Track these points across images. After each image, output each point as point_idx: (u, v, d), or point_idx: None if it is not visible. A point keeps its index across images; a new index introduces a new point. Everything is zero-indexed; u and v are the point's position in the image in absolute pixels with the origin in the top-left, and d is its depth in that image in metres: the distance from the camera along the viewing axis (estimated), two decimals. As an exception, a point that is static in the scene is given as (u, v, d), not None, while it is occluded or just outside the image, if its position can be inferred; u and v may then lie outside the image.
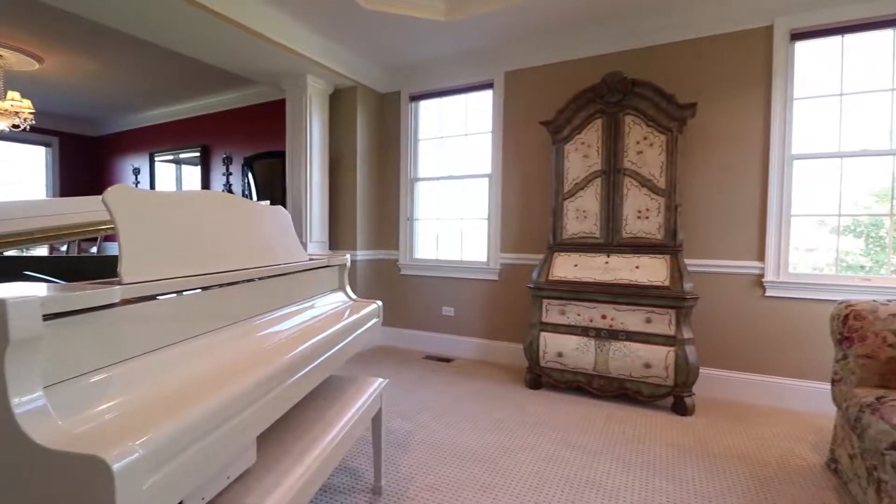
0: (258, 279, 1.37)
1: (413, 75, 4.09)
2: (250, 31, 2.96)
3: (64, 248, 3.67)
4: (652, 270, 2.84)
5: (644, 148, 2.95)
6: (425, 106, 4.20)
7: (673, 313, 2.71)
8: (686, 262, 3.03)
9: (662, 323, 2.74)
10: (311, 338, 1.39)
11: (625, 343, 2.83)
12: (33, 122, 4.47)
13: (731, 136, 3.03)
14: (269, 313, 1.43)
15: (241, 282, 1.28)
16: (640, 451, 2.25)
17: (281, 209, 1.78)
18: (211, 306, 1.14)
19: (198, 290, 1.11)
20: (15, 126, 4.46)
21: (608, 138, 3.04)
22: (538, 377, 3.15)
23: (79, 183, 6.40)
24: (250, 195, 4.70)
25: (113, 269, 1.56)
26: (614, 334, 2.86)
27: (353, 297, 2.01)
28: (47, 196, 6.15)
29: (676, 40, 3.15)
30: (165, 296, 0.99)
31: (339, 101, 4.08)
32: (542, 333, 3.08)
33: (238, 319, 1.25)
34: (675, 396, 2.74)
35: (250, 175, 4.69)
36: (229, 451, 0.91)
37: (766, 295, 2.93)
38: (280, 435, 1.35)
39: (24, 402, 0.66)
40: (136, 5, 2.66)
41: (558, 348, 3.02)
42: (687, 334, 2.70)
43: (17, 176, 6.01)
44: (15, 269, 1.90)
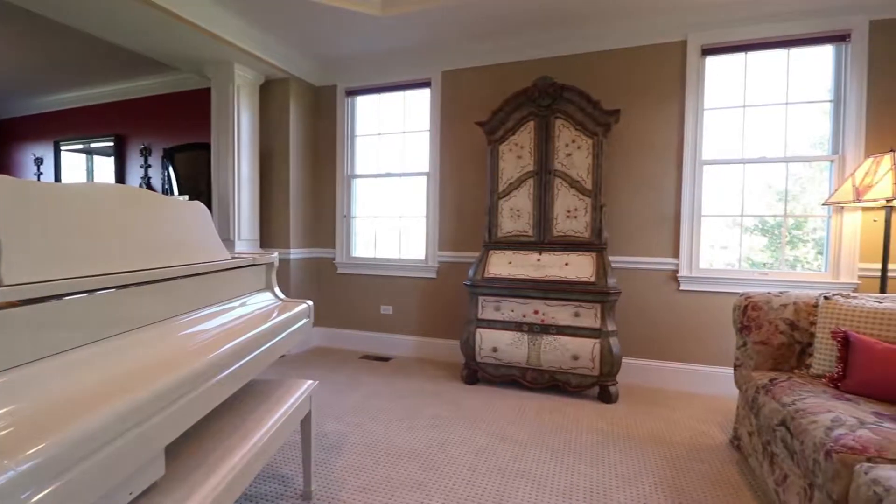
0: (170, 280, 1.28)
1: (350, 69, 4.01)
2: (166, 11, 2.74)
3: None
4: (580, 267, 2.98)
5: (573, 150, 3.08)
6: (362, 101, 4.13)
7: (598, 307, 2.87)
8: (610, 258, 3.21)
9: (589, 317, 2.89)
10: (230, 340, 1.32)
11: (555, 337, 2.95)
12: None
13: (650, 142, 3.24)
14: (185, 315, 1.34)
15: (149, 282, 1.18)
16: (567, 439, 2.36)
17: (199, 205, 1.67)
18: (111, 309, 1.04)
19: (97, 292, 1.01)
20: None
21: (540, 140, 3.15)
22: (474, 372, 3.20)
23: (-35, 173, 5.63)
24: (171, 189, 4.38)
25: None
26: (546, 329, 2.98)
27: (282, 297, 1.94)
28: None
29: (603, 49, 3.32)
30: (60, 298, 0.90)
31: (270, 92, 3.91)
32: (478, 329, 3.13)
33: (146, 323, 1.16)
34: (601, 386, 2.90)
35: (171, 168, 4.37)
36: (131, 464, 0.84)
37: (681, 289, 3.18)
38: (195, 443, 1.27)
39: None
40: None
41: (493, 343, 3.09)
42: (611, 327, 2.86)
43: None
44: None
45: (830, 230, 2.94)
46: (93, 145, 5.10)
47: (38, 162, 5.47)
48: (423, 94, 3.88)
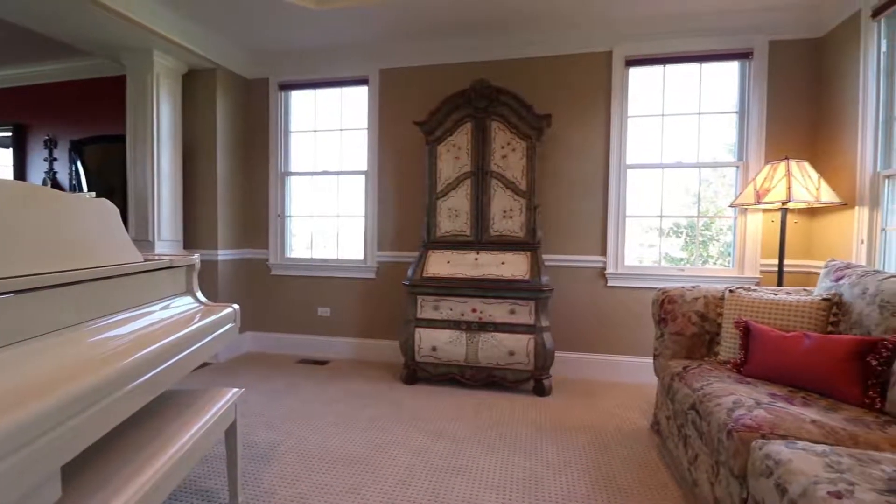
0: (71, 284, 1.16)
1: (284, 63, 3.86)
2: (74, -9, 2.51)
3: None
4: (515, 266, 3.06)
5: (508, 153, 3.17)
6: (298, 96, 3.99)
7: (533, 304, 2.96)
8: (544, 257, 3.33)
9: (524, 313, 2.98)
10: (144, 348, 1.23)
11: (492, 334, 3.01)
12: None
13: (580, 146, 3.40)
14: (93, 322, 1.23)
15: (47, 287, 1.07)
16: (503, 434, 2.42)
17: (105, 203, 1.53)
18: (3, 317, 0.93)
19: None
20: None
21: (477, 142, 3.21)
22: (414, 372, 3.20)
23: None
24: (79, 185, 3.99)
25: None
26: (483, 326, 3.03)
27: (204, 300, 1.83)
28: None
29: (538, 56, 3.43)
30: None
31: (195, 83, 3.67)
32: (418, 329, 3.13)
33: (47, 331, 1.05)
34: (536, 380, 3.00)
35: (80, 162, 3.98)
36: (15, 490, 0.75)
37: (608, 285, 3.36)
38: (101, 461, 1.17)
39: None
40: None
41: (432, 342, 3.10)
42: (544, 322, 2.97)
43: None
44: None
45: (737, 230, 3.24)
46: (-15, 135, 4.53)
47: (-85, 152, 4.77)
48: (361, 92, 3.82)
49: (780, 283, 2.84)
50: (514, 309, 2.99)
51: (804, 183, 2.62)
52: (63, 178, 4.23)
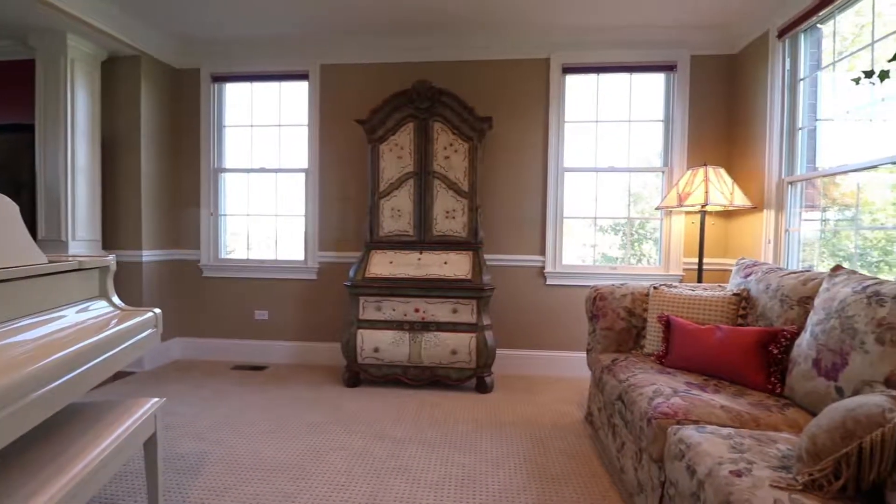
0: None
1: (217, 53, 3.66)
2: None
3: None
4: (458, 265, 3.10)
5: (450, 153, 3.19)
6: (232, 89, 3.81)
7: (475, 303, 3.01)
8: (486, 257, 3.39)
9: (466, 312, 3.01)
10: (46, 357, 1.12)
11: (435, 333, 3.03)
12: None
13: (520, 149, 3.50)
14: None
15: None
16: (444, 432, 2.44)
17: (3, 199, 1.39)
18: None
19: None
20: None
21: (420, 142, 3.21)
22: (356, 374, 3.15)
23: None
24: (-23, 179, 3.57)
25: None
26: (426, 326, 3.04)
27: (121, 304, 1.70)
28: None
29: (480, 59, 3.49)
30: None
31: (116, 70, 3.40)
32: (360, 330, 3.09)
33: None
34: (478, 377, 3.05)
35: (-21, 153, 3.56)
36: None
37: (547, 283, 3.48)
38: (-9, 486, 1.05)
39: None
40: None
41: (375, 344, 3.07)
42: (486, 321, 3.03)
43: None
44: None
45: (663, 230, 3.46)
46: None
47: None
48: (301, 87, 3.71)
49: (699, 280, 3.07)
50: (456, 308, 3.02)
51: (720, 188, 2.84)
52: (-43, 170, 3.77)
